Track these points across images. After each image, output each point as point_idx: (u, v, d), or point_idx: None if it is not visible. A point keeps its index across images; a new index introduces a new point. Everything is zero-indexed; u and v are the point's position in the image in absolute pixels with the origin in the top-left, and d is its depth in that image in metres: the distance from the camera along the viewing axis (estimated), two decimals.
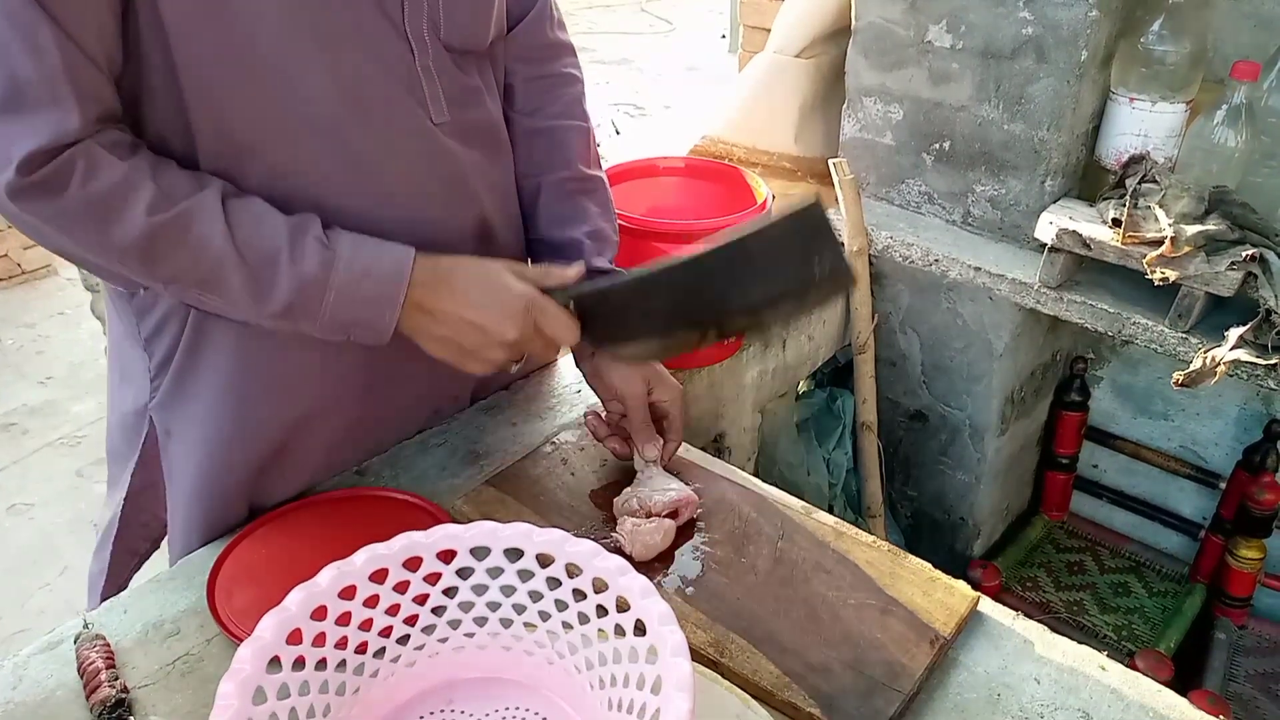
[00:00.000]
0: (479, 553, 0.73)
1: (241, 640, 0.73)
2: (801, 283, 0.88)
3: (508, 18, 1.03)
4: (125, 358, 1.00)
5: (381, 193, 0.92)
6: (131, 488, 1.03)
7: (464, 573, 0.74)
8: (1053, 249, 1.51)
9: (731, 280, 0.88)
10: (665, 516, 0.95)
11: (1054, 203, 1.58)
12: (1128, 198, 1.44)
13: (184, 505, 1.00)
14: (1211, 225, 1.35)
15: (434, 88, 0.92)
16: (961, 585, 0.90)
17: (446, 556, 0.72)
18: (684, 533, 0.96)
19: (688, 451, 1.09)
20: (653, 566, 0.92)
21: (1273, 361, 1.31)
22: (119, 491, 1.05)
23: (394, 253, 0.88)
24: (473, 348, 0.91)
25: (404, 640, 0.74)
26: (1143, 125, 1.52)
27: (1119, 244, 1.42)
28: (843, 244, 0.82)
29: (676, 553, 0.94)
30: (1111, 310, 1.50)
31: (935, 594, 0.89)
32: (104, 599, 0.95)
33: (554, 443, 1.08)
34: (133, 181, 0.79)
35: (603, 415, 1.06)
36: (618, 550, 0.93)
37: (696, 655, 0.84)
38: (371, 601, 0.70)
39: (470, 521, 0.96)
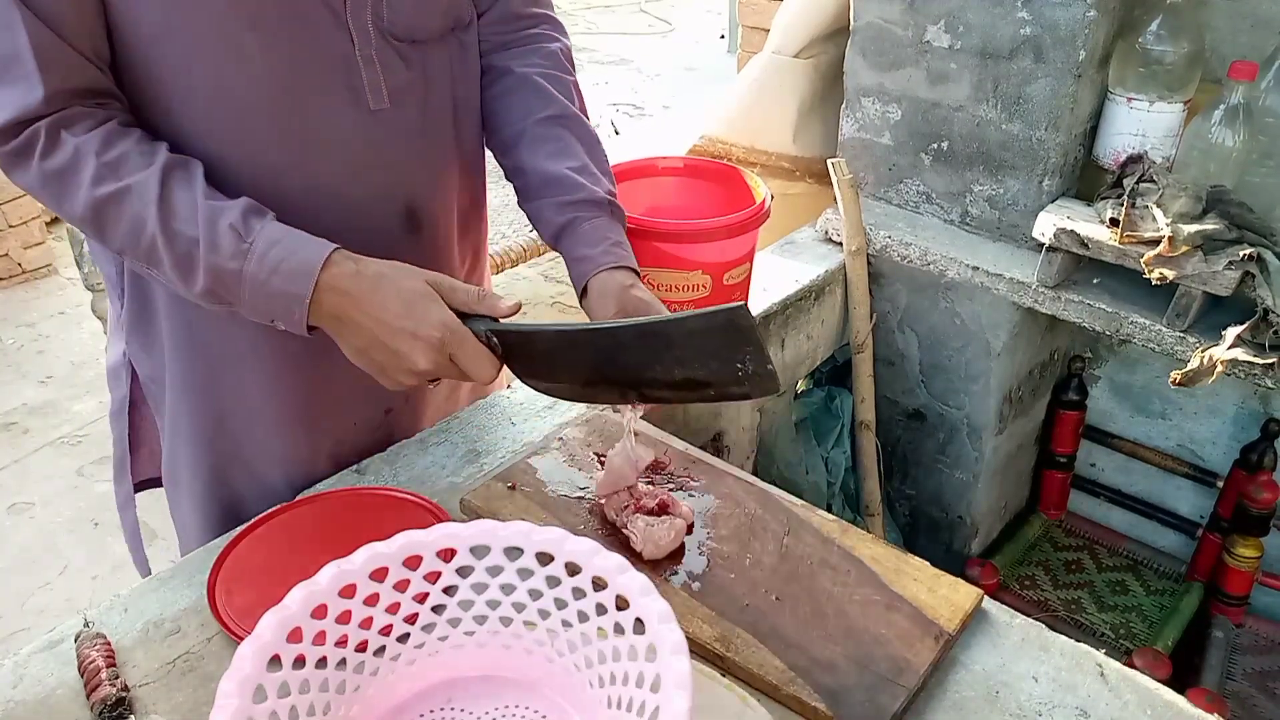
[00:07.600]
0: (479, 551, 0.73)
1: (242, 639, 0.73)
2: (724, 377, 0.94)
3: (476, 2, 1.05)
4: (113, 307, 1.08)
5: (312, 172, 0.95)
6: (130, 423, 1.11)
7: (464, 571, 0.74)
8: (1050, 248, 1.52)
9: (648, 357, 0.93)
10: (655, 508, 0.95)
11: (1052, 202, 1.58)
12: (1125, 197, 1.44)
13: (182, 454, 1.08)
14: (1209, 225, 1.36)
15: (374, 76, 0.95)
16: (965, 584, 0.91)
17: (446, 555, 0.73)
18: (691, 529, 0.97)
19: (690, 450, 1.09)
20: (660, 562, 0.93)
21: (1270, 360, 1.31)
22: (119, 427, 1.13)
23: (307, 251, 0.86)
24: (384, 366, 0.89)
25: (404, 638, 0.74)
26: (1140, 125, 1.52)
27: (1117, 243, 1.43)
28: (767, 354, 0.90)
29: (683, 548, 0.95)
30: (1109, 309, 1.50)
31: (940, 590, 0.90)
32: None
33: (561, 438, 1.09)
34: (81, 156, 0.84)
35: None
36: (628, 548, 0.93)
37: (702, 650, 0.84)
38: (371, 600, 0.71)
39: (480, 514, 0.97)
